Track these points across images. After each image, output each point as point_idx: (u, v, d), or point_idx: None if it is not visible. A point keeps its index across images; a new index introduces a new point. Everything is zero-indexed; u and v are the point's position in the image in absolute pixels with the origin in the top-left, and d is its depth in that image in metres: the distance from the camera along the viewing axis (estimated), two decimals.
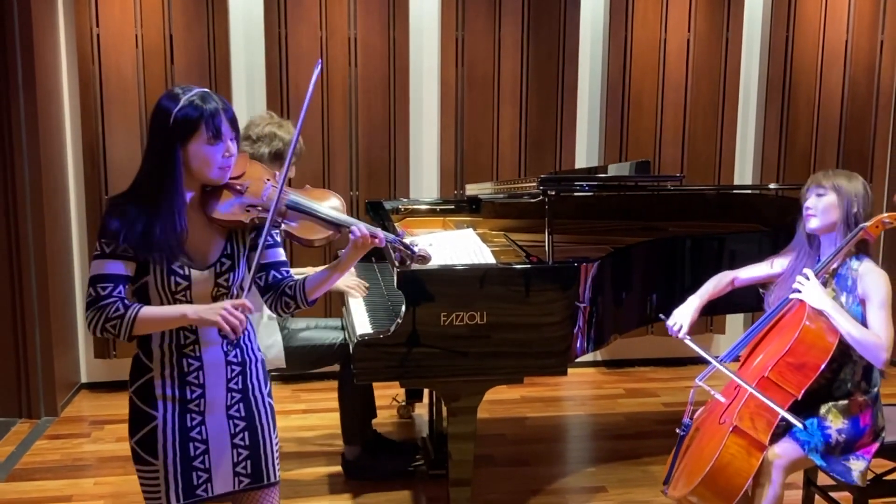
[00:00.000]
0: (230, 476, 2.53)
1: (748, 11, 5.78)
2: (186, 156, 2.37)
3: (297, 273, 3.92)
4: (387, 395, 4.97)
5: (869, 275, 3.07)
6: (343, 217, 2.53)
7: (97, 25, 5.12)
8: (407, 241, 2.57)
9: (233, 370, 2.53)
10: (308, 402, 5.24)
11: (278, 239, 2.62)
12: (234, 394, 2.53)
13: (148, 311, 2.35)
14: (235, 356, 2.54)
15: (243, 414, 2.55)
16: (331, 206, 2.56)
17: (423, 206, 4.80)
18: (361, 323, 3.67)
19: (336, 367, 4.20)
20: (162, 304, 2.41)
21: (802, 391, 2.95)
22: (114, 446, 4.64)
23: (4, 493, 4.11)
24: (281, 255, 2.61)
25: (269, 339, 3.86)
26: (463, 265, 3.45)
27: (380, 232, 2.52)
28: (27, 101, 4.78)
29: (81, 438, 4.77)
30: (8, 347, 4.95)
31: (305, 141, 5.37)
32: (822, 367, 2.95)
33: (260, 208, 2.45)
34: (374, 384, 4.27)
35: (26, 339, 4.94)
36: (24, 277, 4.89)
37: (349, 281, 4.04)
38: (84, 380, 5.54)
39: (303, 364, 4.06)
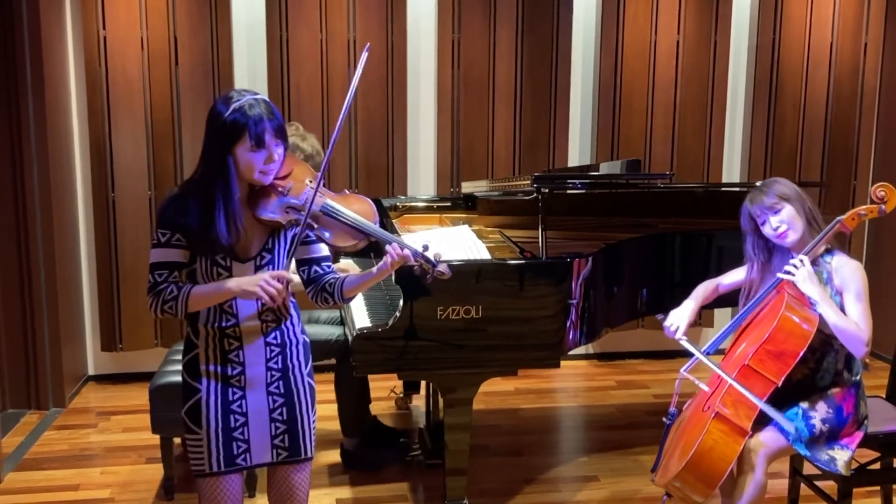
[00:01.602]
0: (268, 448, 2.63)
1: (736, 15, 5.77)
2: (234, 159, 2.46)
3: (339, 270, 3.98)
4: (385, 387, 4.96)
5: (845, 267, 3.06)
6: (375, 229, 2.57)
7: (104, 28, 5.11)
8: (430, 254, 2.57)
9: (272, 350, 2.61)
10: None
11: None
12: (273, 372, 2.62)
13: (198, 289, 2.48)
14: (274, 338, 2.61)
15: (282, 391, 2.63)
16: (364, 213, 2.60)
17: (421, 204, 4.80)
18: (360, 317, 3.67)
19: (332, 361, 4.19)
20: None
21: (782, 378, 2.94)
22: (120, 437, 4.63)
23: (14, 482, 4.10)
24: (323, 250, 2.69)
25: None
26: (459, 261, 3.43)
27: (410, 247, 2.56)
28: (36, 102, 4.77)
29: (89, 429, 4.76)
30: (17, 341, 4.94)
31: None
32: (801, 354, 2.93)
33: (297, 210, 2.52)
34: (372, 376, 4.26)
35: (35, 332, 4.94)
36: (32, 273, 4.88)
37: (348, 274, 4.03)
38: (91, 372, 5.53)
39: None
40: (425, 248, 2.56)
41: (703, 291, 3.38)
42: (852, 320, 2.98)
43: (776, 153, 5.88)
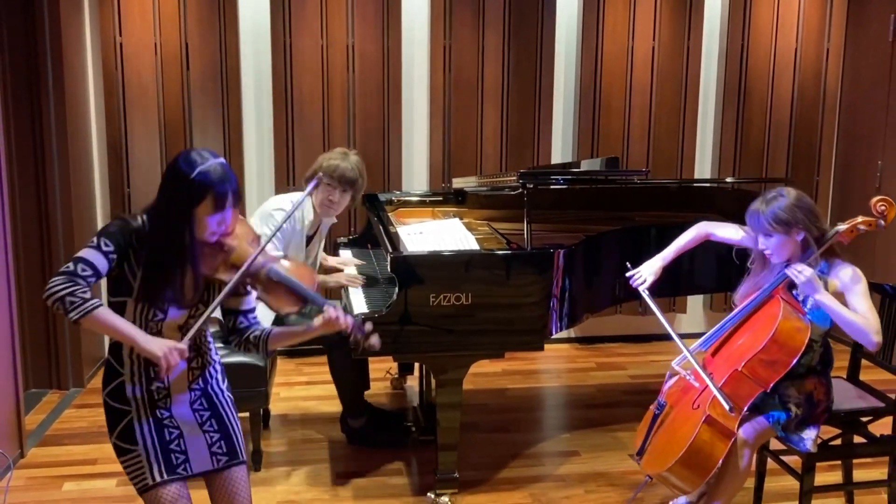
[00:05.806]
0: (208, 457, 2.54)
1: (707, 22, 5.73)
2: (195, 218, 2.34)
3: (339, 262, 3.98)
4: (381, 369, 4.93)
5: (842, 272, 2.94)
6: (315, 295, 2.45)
7: (120, 34, 5.06)
8: (366, 327, 2.44)
9: (193, 374, 2.54)
10: (310, 374, 5.19)
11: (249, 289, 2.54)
12: (195, 392, 2.55)
13: (106, 314, 2.32)
14: (196, 362, 2.55)
15: (206, 406, 2.56)
16: (303, 278, 2.48)
17: (414, 198, 4.76)
18: (358, 303, 3.64)
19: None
20: (136, 323, 2.39)
21: (771, 385, 2.88)
22: None
23: (37, 456, 4.07)
24: (251, 302, 2.59)
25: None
26: (450, 251, 3.42)
27: (349, 318, 2.42)
28: (57, 105, 4.71)
29: None
30: (40, 326, 4.90)
31: (308, 140, 5.33)
32: (793, 363, 2.86)
33: (242, 271, 2.39)
34: (369, 359, 4.23)
35: (56, 318, 4.89)
36: (54, 264, 4.83)
37: (348, 276, 4.00)
38: (108, 355, 5.47)
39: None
40: (363, 321, 2.45)
41: (691, 236, 3.31)
42: (860, 314, 2.88)
43: (744, 151, 5.85)
